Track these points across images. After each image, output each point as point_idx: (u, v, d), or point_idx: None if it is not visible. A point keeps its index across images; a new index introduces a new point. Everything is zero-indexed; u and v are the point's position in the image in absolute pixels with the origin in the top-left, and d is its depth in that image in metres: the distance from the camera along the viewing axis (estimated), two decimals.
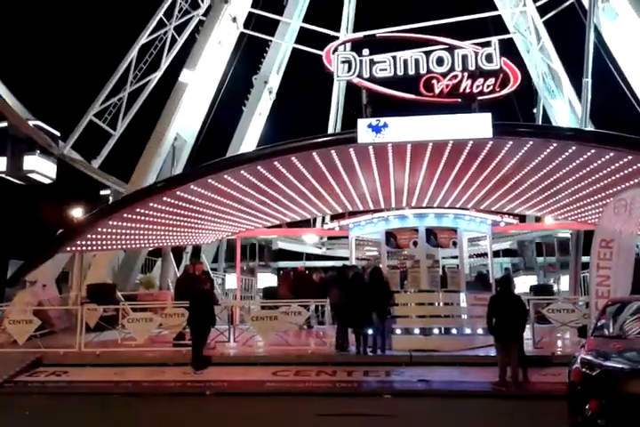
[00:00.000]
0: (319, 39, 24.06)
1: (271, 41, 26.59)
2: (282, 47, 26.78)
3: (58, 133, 20.95)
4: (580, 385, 6.16)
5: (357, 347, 11.68)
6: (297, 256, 28.54)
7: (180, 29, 23.63)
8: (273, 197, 13.98)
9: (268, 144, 12.46)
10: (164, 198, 12.62)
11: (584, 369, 6.18)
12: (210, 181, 12.13)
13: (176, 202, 13.02)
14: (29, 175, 20.13)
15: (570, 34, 22.96)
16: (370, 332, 11.71)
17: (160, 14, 23.12)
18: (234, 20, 24.39)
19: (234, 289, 21.30)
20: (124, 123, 22.48)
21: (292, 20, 26.51)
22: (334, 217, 16.65)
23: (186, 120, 22.67)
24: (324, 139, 11.53)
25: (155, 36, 23.15)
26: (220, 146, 25.36)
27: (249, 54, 25.80)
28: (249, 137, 26.13)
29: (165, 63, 23.25)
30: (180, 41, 23.53)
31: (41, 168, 20.28)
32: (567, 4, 22.19)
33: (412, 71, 11.47)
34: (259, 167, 11.82)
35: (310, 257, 28.53)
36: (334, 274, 14.46)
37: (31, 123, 19.79)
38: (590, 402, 5.84)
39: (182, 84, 22.67)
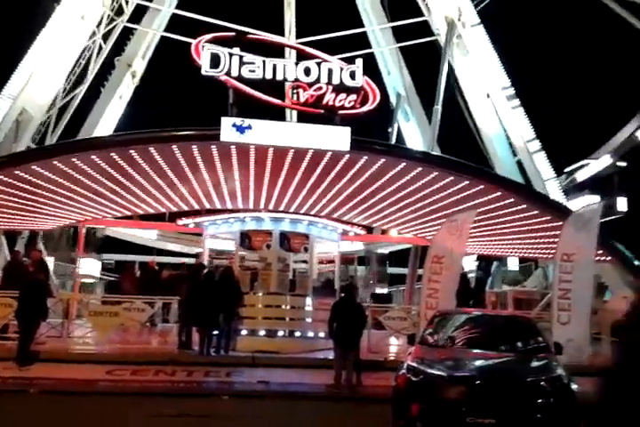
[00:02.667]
0: (197, 27, 23.31)
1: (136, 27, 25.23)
2: (149, 33, 25.56)
3: None
4: (405, 390, 6.59)
5: (201, 347, 11.55)
6: (139, 249, 26.92)
7: (105, 38, 23.67)
8: (125, 187, 13.35)
9: (127, 131, 11.94)
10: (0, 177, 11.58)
11: (409, 375, 6.62)
12: (55, 162, 11.34)
13: (14, 182, 11.99)
14: None
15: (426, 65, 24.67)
16: (215, 332, 11.64)
17: (93, 26, 22.54)
18: None
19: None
20: (52, 139, 21.49)
21: (164, 7, 25.33)
22: (190, 213, 16.31)
23: (34, 93, 20.76)
24: (187, 133, 11.27)
25: (83, 46, 22.53)
26: (73, 126, 23.61)
27: (117, 34, 24.27)
28: (105, 121, 24.53)
29: (93, 73, 23.19)
30: (107, 48, 23.59)
31: None
32: (430, 39, 23.88)
33: (280, 77, 11.66)
34: (112, 154, 11.27)
35: (159, 251, 27.34)
36: (187, 272, 14.24)
37: None
38: (412, 406, 6.30)
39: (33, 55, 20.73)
